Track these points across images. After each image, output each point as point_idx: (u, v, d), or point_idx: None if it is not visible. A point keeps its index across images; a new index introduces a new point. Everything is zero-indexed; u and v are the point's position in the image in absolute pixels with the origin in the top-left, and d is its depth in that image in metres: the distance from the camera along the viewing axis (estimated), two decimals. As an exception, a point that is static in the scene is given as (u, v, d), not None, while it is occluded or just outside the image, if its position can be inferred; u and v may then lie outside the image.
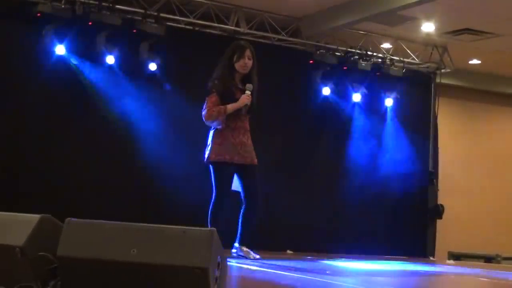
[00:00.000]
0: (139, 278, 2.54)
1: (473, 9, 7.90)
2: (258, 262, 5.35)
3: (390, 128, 9.41)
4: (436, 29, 8.67)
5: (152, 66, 7.76)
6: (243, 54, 5.44)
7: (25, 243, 2.71)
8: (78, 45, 7.38)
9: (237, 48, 5.50)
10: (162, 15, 7.75)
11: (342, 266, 6.32)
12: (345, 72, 8.98)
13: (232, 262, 4.81)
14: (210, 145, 5.45)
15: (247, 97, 5.39)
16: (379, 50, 9.23)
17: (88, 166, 7.39)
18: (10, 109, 7.14)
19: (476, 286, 5.63)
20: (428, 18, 8.31)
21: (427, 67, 9.72)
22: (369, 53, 9.03)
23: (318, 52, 8.80)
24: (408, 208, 9.36)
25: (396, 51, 9.31)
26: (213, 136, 5.46)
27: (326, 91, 8.93)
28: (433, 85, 9.81)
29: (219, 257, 2.63)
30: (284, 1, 8.15)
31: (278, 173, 8.17)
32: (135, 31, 7.66)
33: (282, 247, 7.80)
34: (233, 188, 5.52)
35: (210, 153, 5.42)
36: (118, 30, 7.51)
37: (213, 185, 5.44)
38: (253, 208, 5.51)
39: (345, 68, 8.96)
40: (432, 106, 9.78)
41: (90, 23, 7.36)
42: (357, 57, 8.97)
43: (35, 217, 2.83)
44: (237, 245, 5.52)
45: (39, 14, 7.11)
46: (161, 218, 5.96)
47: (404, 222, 9.25)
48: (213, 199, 5.42)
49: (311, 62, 8.85)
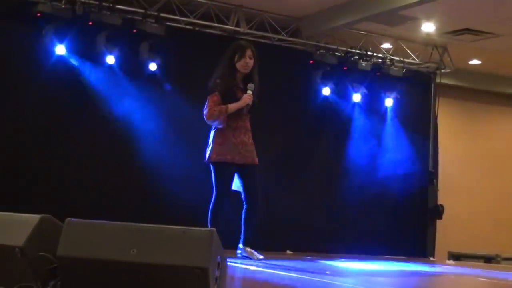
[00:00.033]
0: (139, 278, 2.55)
1: (473, 9, 7.90)
2: (260, 263, 5.36)
3: (390, 128, 9.41)
4: (436, 29, 8.67)
5: (152, 66, 7.76)
6: (244, 54, 5.44)
7: (25, 243, 2.71)
8: (78, 45, 7.38)
9: (238, 48, 5.51)
10: (162, 15, 7.75)
11: (342, 266, 6.32)
12: (345, 72, 8.97)
13: (232, 262, 4.81)
14: (211, 145, 5.45)
15: (249, 97, 5.40)
16: (379, 50, 9.23)
17: (88, 166, 7.40)
18: (10, 109, 7.14)
19: (476, 286, 5.63)
20: (428, 18, 8.30)
21: (427, 67, 9.71)
22: (369, 53, 9.03)
23: (318, 52, 8.80)
24: (408, 208, 9.36)
25: (396, 51, 9.31)
26: (214, 136, 5.46)
27: (326, 91, 8.93)
28: (433, 85, 9.81)
29: (219, 257, 2.63)
30: (284, 1, 8.15)
31: (278, 173, 8.18)
32: (135, 31, 7.67)
33: (282, 247, 7.79)
34: (234, 188, 5.52)
35: (211, 153, 5.42)
36: (118, 30, 7.51)
37: (214, 185, 5.45)
38: (253, 208, 5.51)
39: (345, 68, 8.95)
40: (432, 106, 9.78)
41: (90, 23, 7.36)
42: (357, 57, 8.97)
43: (35, 217, 2.83)
44: (241, 246, 5.53)
45: (39, 14, 7.11)
46: (161, 218, 5.96)
47: (404, 222, 9.24)
48: (213, 199, 5.42)
49: (311, 62, 8.85)
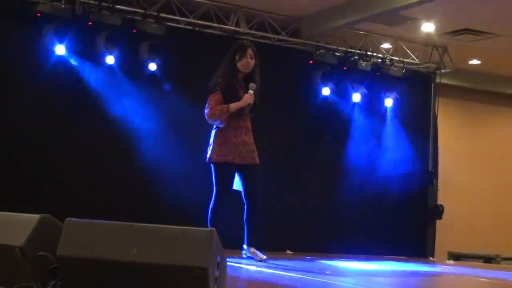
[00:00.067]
0: (139, 278, 2.54)
1: (473, 9, 7.90)
2: (261, 263, 5.36)
3: (390, 128, 9.41)
4: (436, 29, 8.67)
5: (152, 66, 7.76)
6: (245, 53, 5.44)
7: (25, 243, 2.71)
8: (78, 45, 7.38)
9: (239, 48, 5.51)
10: (162, 15, 7.75)
11: (342, 266, 6.32)
12: (345, 72, 8.97)
13: (232, 262, 4.81)
14: (212, 145, 5.44)
15: (250, 97, 5.40)
16: (379, 50, 9.23)
17: (88, 166, 7.40)
18: (10, 109, 7.14)
19: (476, 287, 5.63)
20: (428, 18, 8.30)
21: (427, 67, 9.71)
22: (369, 53, 9.03)
23: (318, 52, 8.80)
24: (408, 208, 9.36)
25: (396, 51, 9.31)
26: (215, 136, 5.45)
27: (326, 91, 8.93)
28: (433, 85, 9.81)
29: (219, 257, 2.63)
30: (284, 1, 8.15)
31: (278, 173, 8.17)
32: (135, 31, 7.67)
33: (282, 247, 7.80)
34: (235, 188, 5.52)
35: (212, 153, 5.42)
36: (118, 30, 7.51)
37: (214, 185, 5.44)
38: (254, 208, 5.51)
39: (345, 68, 8.96)
40: (432, 106, 9.78)
41: (90, 23, 7.36)
42: (357, 57, 8.97)
43: (35, 217, 2.83)
44: (245, 247, 5.54)
45: (39, 14, 7.11)
46: (161, 218, 5.97)
47: (404, 222, 9.24)
48: (213, 199, 5.42)
49: (311, 62, 8.86)
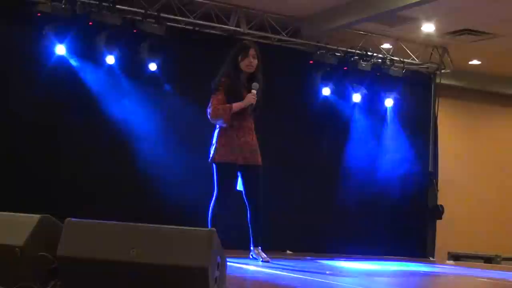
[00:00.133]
0: (139, 278, 2.55)
1: (473, 10, 7.90)
2: (261, 262, 5.38)
3: (390, 129, 9.41)
4: (436, 30, 8.67)
5: (152, 66, 7.76)
6: (248, 53, 5.44)
7: (25, 243, 2.71)
8: (78, 45, 7.38)
9: (242, 48, 5.51)
10: (162, 15, 7.75)
11: (342, 266, 6.32)
12: (345, 73, 8.97)
13: (232, 262, 4.81)
14: (214, 145, 5.43)
15: (253, 96, 5.39)
16: (379, 51, 9.23)
17: (88, 166, 7.40)
18: (10, 109, 7.14)
19: (476, 287, 5.63)
20: (428, 19, 8.30)
21: (427, 68, 9.71)
22: (369, 54, 9.02)
23: (318, 53, 8.79)
24: (408, 209, 9.35)
25: (396, 52, 9.31)
26: (218, 136, 5.44)
27: (326, 92, 8.92)
28: (433, 86, 9.80)
29: (219, 257, 2.63)
30: (284, 1, 8.14)
31: (278, 173, 8.16)
32: (135, 31, 7.67)
33: (282, 247, 7.80)
34: (239, 189, 5.52)
35: (214, 154, 5.41)
36: (118, 30, 7.51)
37: (215, 184, 5.43)
38: (255, 209, 5.51)
39: (345, 69, 8.95)
40: (432, 107, 9.77)
41: (90, 23, 7.36)
42: (357, 58, 8.96)
43: (35, 217, 2.83)
44: (252, 248, 5.56)
45: (39, 14, 7.11)
46: (161, 218, 5.96)
47: (404, 223, 9.24)
48: (214, 198, 5.41)
49: (311, 63, 8.85)
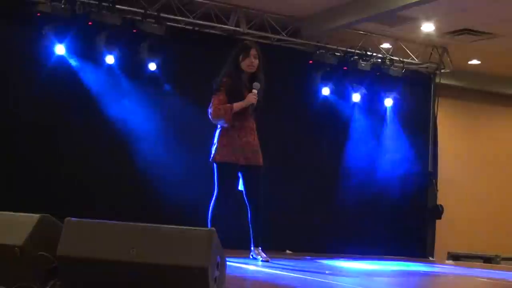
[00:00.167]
0: (139, 278, 2.55)
1: (473, 10, 7.90)
2: (261, 262, 5.38)
3: (390, 129, 9.40)
4: (436, 30, 8.66)
5: (152, 66, 7.76)
6: (249, 53, 5.44)
7: (25, 243, 2.71)
8: (78, 45, 7.38)
9: (243, 48, 5.51)
10: (162, 15, 7.75)
11: (342, 266, 6.32)
12: (345, 72, 8.96)
13: (232, 262, 4.81)
14: (216, 145, 5.43)
15: (254, 96, 5.39)
16: (379, 50, 9.23)
17: (88, 166, 7.40)
18: (10, 109, 7.14)
19: (476, 287, 5.63)
20: (428, 19, 8.30)
21: (427, 68, 9.71)
22: (369, 53, 9.02)
23: (318, 52, 8.79)
24: (408, 209, 9.35)
25: (396, 51, 9.30)
26: (219, 136, 5.43)
27: (326, 91, 8.93)
28: (433, 86, 9.80)
29: (219, 257, 2.63)
30: (284, 1, 8.14)
31: (278, 173, 8.17)
32: (135, 31, 7.67)
33: (282, 247, 7.80)
34: (240, 189, 5.52)
35: (215, 154, 5.41)
36: (118, 30, 7.51)
37: (216, 184, 5.43)
38: (256, 210, 5.51)
39: (345, 68, 8.95)
40: (432, 107, 9.77)
41: (90, 23, 7.36)
42: (357, 57, 8.96)
43: (35, 217, 2.83)
44: (252, 248, 5.56)
45: (39, 14, 7.11)
46: (161, 218, 5.96)
47: (404, 223, 9.24)
48: (214, 198, 5.41)
49: (311, 62, 8.85)
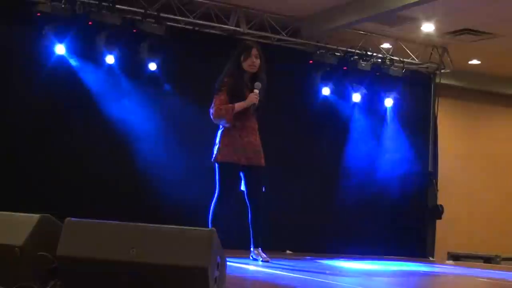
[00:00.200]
0: (139, 278, 2.54)
1: (473, 10, 7.89)
2: (261, 262, 5.38)
3: (390, 129, 9.40)
4: (436, 30, 8.66)
5: (152, 66, 7.76)
6: (250, 53, 5.44)
7: (25, 243, 2.71)
8: (78, 45, 7.38)
9: (244, 48, 5.51)
10: (162, 15, 7.75)
11: (342, 266, 6.32)
12: (345, 72, 8.96)
13: (232, 262, 4.81)
14: (218, 145, 5.43)
15: (255, 96, 5.39)
16: (379, 50, 9.22)
17: (88, 166, 7.40)
18: (10, 109, 7.14)
19: (475, 287, 5.63)
20: (428, 19, 8.30)
21: (427, 68, 9.71)
22: (369, 53, 9.01)
23: (318, 52, 8.79)
24: (408, 209, 9.35)
25: (396, 51, 9.30)
26: (221, 136, 5.44)
27: (326, 91, 8.92)
28: (433, 86, 9.80)
29: (219, 257, 2.63)
30: (284, 1, 8.14)
31: (278, 173, 8.16)
32: (135, 31, 7.67)
33: (282, 247, 7.80)
34: (242, 189, 5.52)
35: (217, 154, 5.41)
36: (118, 30, 7.51)
37: (217, 184, 5.43)
38: (256, 210, 5.51)
39: (345, 68, 8.94)
40: (432, 107, 9.77)
41: (90, 23, 7.36)
42: (357, 57, 8.96)
43: (35, 217, 2.83)
44: (252, 249, 5.57)
45: (39, 14, 7.11)
46: (161, 218, 5.96)
47: (404, 223, 9.23)
48: (216, 198, 5.41)
49: (311, 62, 8.85)
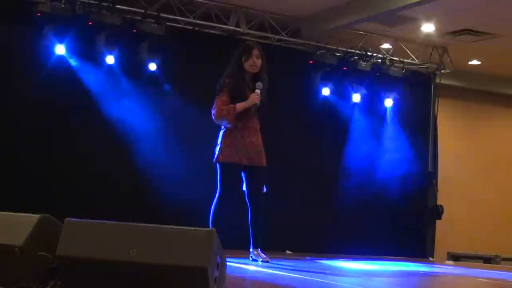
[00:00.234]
0: (139, 278, 2.54)
1: (473, 10, 7.90)
2: (262, 263, 5.39)
3: (390, 129, 9.40)
4: (436, 30, 8.66)
5: (152, 66, 7.75)
6: (251, 54, 5.45)
7: (25, 243, 2.71)
8: (78, 45, 7.38)
9: (245, 48, 5.52)
10: (162, 15, 7.75)
11: (342, 266, 6.33)
12: (345, 73, 8.96)
13: (232, 262, 4.81)
14: (219, 146, 5.44)
15: (257, 96, 5.39)
16: (379, 51, 9.23)
17: (88, 166, 7.40)
18: (10, 109, 7.14)
19: (475, 287, 5.63)
20: (428, 19, 8.30)
21: (427, 68, 9.71)
22: (369, 54, 9.01)
23: (318, 53, 8.79)
24: (408, 209, 9.35)
25: (396, 52, 9.30)
26: (223, 136, 5.44)
27: (326, 92, 8.92)
28: (433, 86, 9.80)
29: (219, 257, 2.63)
30: (284, 1, 8.14)
31: (278, 173, 8.16)
32: (135, 31, 7.67)
33: (282, 247, 7.80)
34: (243, 188, 5.52)
35: (219, 154, 5.41)
36: (118, 30, 7.51)
37: (218, 184, 5.43)
38: (256, 211, 5.52)
39: (345, 69, 8.94)
40: (432, 107, 9.77)
41: (90, 23, 7.36)
42: (357, 58, 8.96)
43: (35, 217, 2.83)
44: (251, 249, 5.57)
45: (39, 14, 7.11)
46: (161, 218, 5.96)
47: (404, 223, 9.23)
48: (217, 198, 5.41)
49: (311, 63, 8.85)
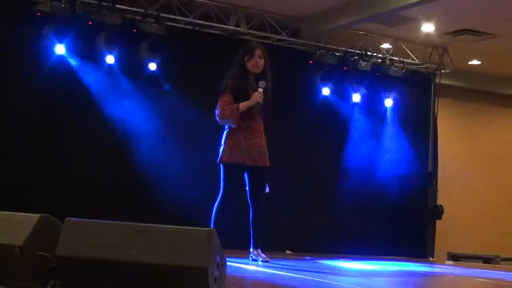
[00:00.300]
0: (139, 278, 2.54)
1: (473, 10, 7.90)
2: (262, 262, 5.39)
3: (390, 129, 9.41)
4: (436, 30, 8.66)
5: (152, 66, 7.75)
6: (254, 54, 5.46)
7: (25, 243, 2.71)
8: (78, 45, 7.38)
9: (248, 49, 5.53)
10: (162, 15, 7.75)
11: (342, 266, 6.33)
12: (345, 72, 8.96)
13: (232, 262, 4.81)
14: (223, 146, 5.44)
15: (259, 95, 5.39)
16: (379, 51, 9.22)
17: (88, 166, 7.40)
18: (10, 109, 7.14)
19: (475, 287, 5.63)
20: (428, 19, 8.30)
21: (427, 68, 9.71)
22: (369, 54, 9.01)
23: (318, 52, 8.78)
24: (408, 209, 9.36)
25: (396, 52, 9.30)
26: (226, 137, 5.45)
27: (326, 91, 8.92)
28: (433, 86, 9.80)
29: (219, 257, 2.63)
30: (284, 1, 8.14)
31: (278, 173, 8.14)
32: (135, 31, 7.67)
33: (282, 247, 7.80)
34: (247, 188, 5.52)
35: (222, 155, 5.42)
36: (118, 30, 7.51)
37: (221, 185, 5.44)
38: (257, 211, 5.52)
39: (345, 68, 8.94)
40: (432, 107, 9.77)
41: (90, 23, 7.36)
42: (357, 57, 8.95)
43: (35, 217, 2.83)
44: (251, 249, 5.57)
45: (39, 14, 7.11)
46: (161, 218, 5.97)
47: (404, 223, 9.24)
48: (219, 198, 5.42)
49: (311, 62, 8.84)
